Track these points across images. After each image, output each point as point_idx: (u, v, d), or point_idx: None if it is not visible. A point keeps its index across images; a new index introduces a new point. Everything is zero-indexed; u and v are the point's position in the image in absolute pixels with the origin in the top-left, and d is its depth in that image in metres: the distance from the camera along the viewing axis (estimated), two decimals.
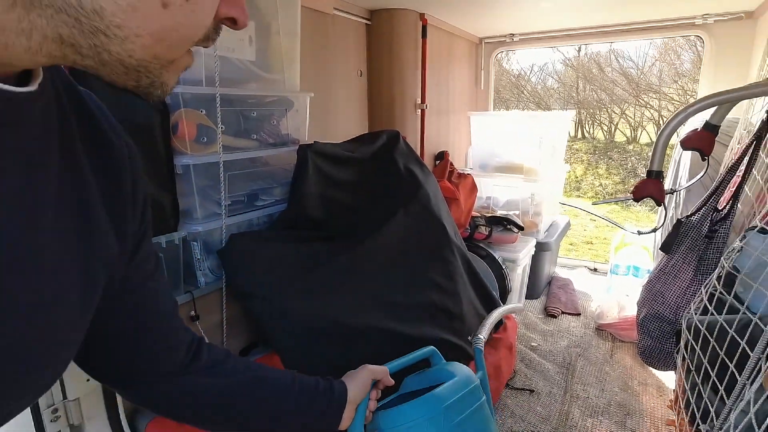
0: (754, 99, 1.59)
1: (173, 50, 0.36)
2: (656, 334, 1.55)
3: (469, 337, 1.38)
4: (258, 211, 1.30)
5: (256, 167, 1.35)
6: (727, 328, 1.00)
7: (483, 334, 1.34)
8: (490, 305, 1.69)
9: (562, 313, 2.38)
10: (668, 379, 1.80)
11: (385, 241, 1.38)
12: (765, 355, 0.85)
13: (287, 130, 1.39)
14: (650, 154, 1.36)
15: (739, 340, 0.95)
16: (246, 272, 1.12)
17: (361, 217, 1.44)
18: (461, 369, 0.95)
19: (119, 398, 0.96)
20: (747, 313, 0.96)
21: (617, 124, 9.57)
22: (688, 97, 8.28)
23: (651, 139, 9.00)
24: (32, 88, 0.35)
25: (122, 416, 0.98)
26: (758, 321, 0.92)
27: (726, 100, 1.24)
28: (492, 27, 2.72)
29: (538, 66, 9.92)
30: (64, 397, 0.92)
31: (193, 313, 1.10)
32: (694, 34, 2.44)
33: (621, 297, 2.22)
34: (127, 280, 0.51)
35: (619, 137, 9.54)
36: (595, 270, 3.00)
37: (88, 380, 0.93)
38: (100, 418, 0.96)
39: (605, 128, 9.74)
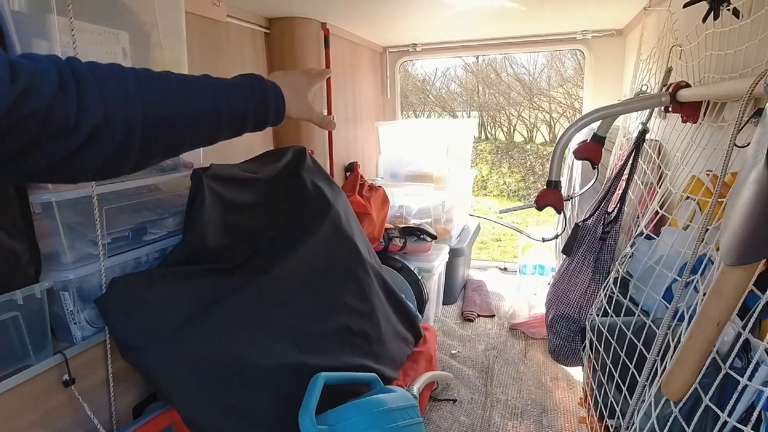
0: None
1: None
2: (564, 334, 1.64)
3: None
4: (147, 246, 1.14)
5: (143, 197, 1.19)
6: (625, 330, 1.07)
7: (414, 389, 1.42)
8: (409, 321, 1.68)
9: (478, 316, 2.46)
10: (576, 372, 1.92)
11: (294, 267, 1.29)
12: (660, 357, 0.91)
13: None
14: (546, 153, 1.43)
15: (636, 341, 1.02)
16: (131, 322, 0.97)
17: (268, 242, 1.34)
18: (400, 390, 1.17)
19: None
20: (641, 315, 1.03)
21: (515, 125, 10.27)
22: (572, 100, 9.14)
23: (545, 138, 9.78)
24: None
25: None
26: (651, 324, 0.98)
27: (609, 115, 1.34)
28: (395, 37, 2.75)
29: (441, 71, 10.32)
30: None
31: (66, 377, 0.93)
32: (576, 48, 2.66)
33: (530, 296, 2.34)
34: None
35: (517, 137, 10.24)
36: (505, 269, 3.15)
37: None
38: None
39: (505, 129, 10.41)
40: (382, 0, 1.88)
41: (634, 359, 1.02)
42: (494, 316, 2.47)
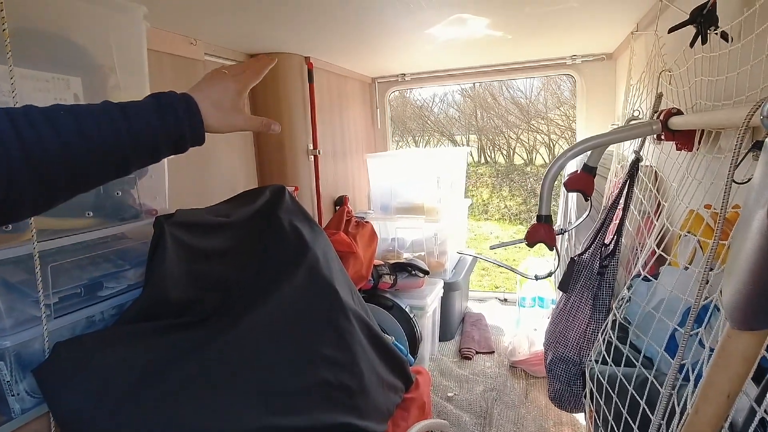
0: None
1: None
2: (564, 377, 1.52)
3: None
4: (102, 303, 1.06)
5: (99, 249, 1.11)
6: (626, 385, 0.96)
7: None
8: (398, 367, 1.57)
9: (477, 353, 2.33)
10: (581, 415, 1.79)
11: (266, 318, 1.19)
12: (665, 421, 0.81)
13: (139, 199, 1.18)
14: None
15: (639, 398, 0.91)
16: (72, 392, 0.87)
17: (240, 291, 1.25)
18: None
19: None
20: (643, 369, 0.93)
21: (515, 148, 10.25)
22: (570, 121, 9.14)
23: (545, 160, 9.74)
24: None
25: None
26: (654, 380, 0.88)
27: (598, 145, 1.26)
28: (383, 67, 2.72)
29: (439, 97, 10.38)
30: None
31: None
32: (567, 73, 2.62)
33: (529, 331, 2.22)
34: None
35: (517, 160, 10.22)
36: (505, 300, 3.03)
37: None
38: None
39: (504, 152, 10.39)
40: (364, 34, 1.85)
41: (638, 419, 0.90)
42: (493, 352, 2.34)
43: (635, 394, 0.92)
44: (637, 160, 1.40)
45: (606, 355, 1.10)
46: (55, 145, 0.53)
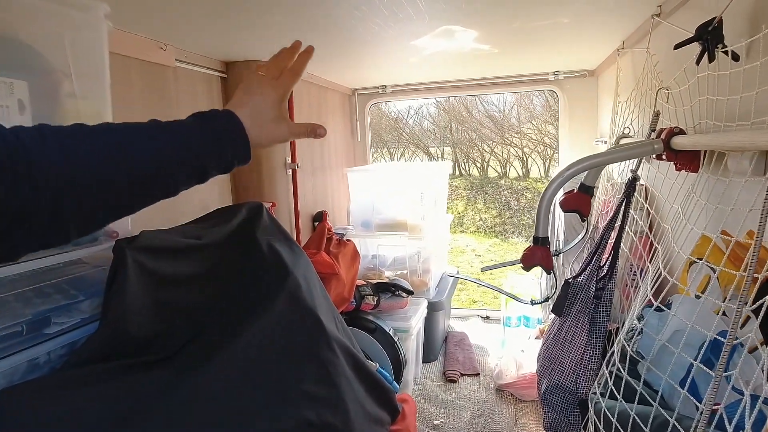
0: None
1: None
2: (560, 407, 1.44)
3: None
4: (49, 342, 0.91)
5: (50, 278, 0.97)
6: (643, 427, 0.88)
7: None
8: (383, 398, 1.45)
9: (462, 375, 2.24)
10: None
11: (241, 353, 1.07)
12: None
13: None
14: (520, 188, 1.28)
15: None
16: None
17: (212, 322, 1.12)
18: None
19: None
20: (662, 410, 0.85)
21: (488, 161, 10.35)
22: (542, 135, 9.32)
23: (518, 173, 9.86)
24: None
25: None
26: (677, 424, 0.80)
27: (597, 164, 1.21)
28: (364, 79, 2.64)
29: (414, 109, 10.41)
30: None
31: None
32: (549, 89, 2.60)
33: (516, 353, 2.14)
34: None
35: (491, 173, 10.31)
36: (488, 318, 2.96)
37: None
38: None
39: (479, 165, 10.47)
40: (347, 43, 1.76)
41: None
42: (479, 374, 2.26)
43: None
44: (635, 180, 1.36)
45: (614, 389, 1.02)
46: (89, 159, 0.49)
